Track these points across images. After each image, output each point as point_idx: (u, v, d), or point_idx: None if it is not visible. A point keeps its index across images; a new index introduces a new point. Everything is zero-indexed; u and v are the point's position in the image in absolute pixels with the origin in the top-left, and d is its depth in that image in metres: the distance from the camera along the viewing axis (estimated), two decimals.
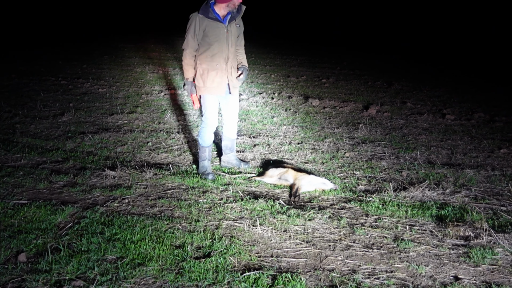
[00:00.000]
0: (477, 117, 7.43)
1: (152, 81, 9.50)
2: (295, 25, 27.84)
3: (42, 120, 6.30)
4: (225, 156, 4.85)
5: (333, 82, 10.45)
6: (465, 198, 4.18)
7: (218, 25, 4.26)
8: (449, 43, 21.22)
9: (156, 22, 27.01)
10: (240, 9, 4.34)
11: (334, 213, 3.78)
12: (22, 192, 3.97)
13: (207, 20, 4.22)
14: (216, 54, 4.30)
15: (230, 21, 4.32)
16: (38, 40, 16.48)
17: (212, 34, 4.25)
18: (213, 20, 4.24)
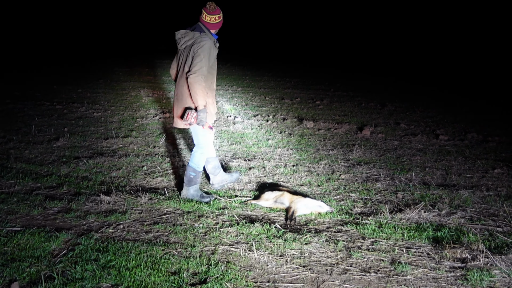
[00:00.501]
0: (470, 138, 7.49)
1: (147, 105, 9.54)
2: (287, 47, 28.17)
3: (36, 145, 6.28)
4: (217, 177, 4.83)
5: (327, 104, 10.54)
6: (461, 219, 4.18)
7: (216, 50, 4.37)
8: (439, 64, 21.50)
9: (150, 45, 27.24)
10: None
11: (331, 237, 3.77)
12: (16, 219, 3.93)
13: (215, 49, 4.30)
14: (214, 83, 4.40)
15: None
16: (33, 64, 16.54)
17: (214, 63, 4.35)
18: (216, 47, 4.34)
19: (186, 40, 4.25)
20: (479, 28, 26.14)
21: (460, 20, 27.29)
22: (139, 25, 32.10)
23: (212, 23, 4.27)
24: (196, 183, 4.54)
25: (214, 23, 4.28)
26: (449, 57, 23.34)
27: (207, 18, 4.26)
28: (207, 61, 4.18)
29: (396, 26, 29.90)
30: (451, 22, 27.79)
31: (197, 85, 4.10)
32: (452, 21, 27.77)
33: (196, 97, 4.13)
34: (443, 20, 28.36)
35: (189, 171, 4.49)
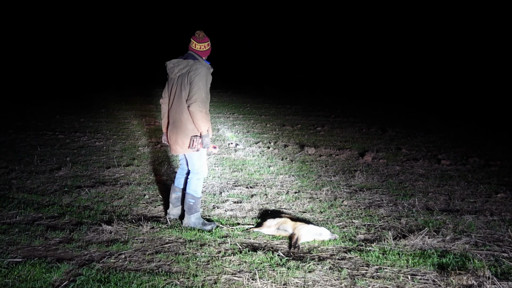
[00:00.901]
0: (472, 162, 7.49)
1: (148, 134, 9.58)
2: (287, 74, 28.47)
3: (38, 175, 6.28)
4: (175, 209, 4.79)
5: (328, 130, 10.58)
6: (466, 245, 4.14)
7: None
8: (438, 89, 21.67)
9: (151, 74, 27.55)
10: None
11: (334, 264, 3.73)
12: (17, 250, 3.90)
13: (210, 75, 4.38)
14: (208, 109, 4.43)
15: None
16: (34, 94, 16.70)
17: (209, 90, 4.40)
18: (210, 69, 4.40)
19: (181, 68, 4.33)
20: (477, 52, 26.45)
21: (458, 45, 27.65)
22: (135, 55, 32.61)
23: (202, 51, 4.38)
24: (196, 211, 4.53)
25: (203, 51, 4.38)
26: (448, 82, 23.55)
27: (197, 46, 4.36)
28: (205, 87, 4.28)
29: (394, 51, 30.29)
30: (449, 47, 28.16)
31: (199, 112, 4.21)
32: (450, 45, 28.14)
33: (200, 124, 4.25)
34: (441, 46, 28.74)
35: (188, 199, 4.51)
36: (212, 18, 34.02)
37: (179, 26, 31.92)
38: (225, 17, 34.93)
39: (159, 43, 32.88)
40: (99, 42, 33.03)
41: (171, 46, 30.14)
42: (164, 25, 35.23)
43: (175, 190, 4.78)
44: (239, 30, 33.69)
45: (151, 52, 31.94)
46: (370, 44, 31.80)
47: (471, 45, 27.20)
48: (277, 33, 35.16)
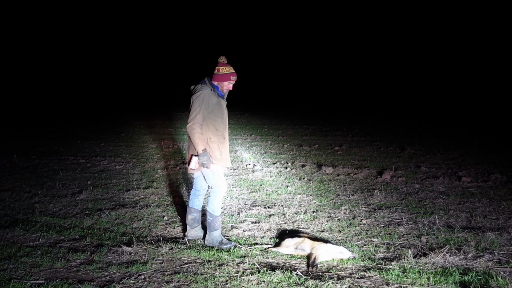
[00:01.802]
0: (493, 179, 7.36)
1: (167, 156, 9.71)
2: (304, 94, 28.58)
3: (60, 198, 6.41)
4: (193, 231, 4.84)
5: (345, 149, 10.55)
6: (489, 263, 4.06)
7: (221, 101, 4.58)
8: (456, 105, 21.45)
9: (167, 98, 27.99)
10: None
11: (354, 283, 3.69)
12: (39, 272, 3.98)
13: (216, 98, 4.49)
14: (222, 128, 4.57)
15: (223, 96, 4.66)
16: (56, 119, 17.13)
17: (218, 110, 4.52)
18: (220, 97, 4.55)
19: (192, 91, 4.57)
20: (496, 66, 26.19)
21: (477, 59, 27.44)
22: (153, 79, 33.22)
23: (215, 74, 4.54)
24: (215, 228, 4.59)
25: (215, 74, 4.54)
26: (466, 98, 23.31)
27: (216, 69, 4.55)
28: (202, 109, 4.40)
29: (410, 68, 30.20)
30: (467, 62, 27.95)
31: (193, 132, 4.38)
32: (469, 60, 27.93)
33: (195, 143, 4.42)
34: (459, 61, 28.56)
35: (207, 216, 4.64)
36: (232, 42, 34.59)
37: (198, 51, 32.55)
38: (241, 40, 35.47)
39: (177, 67, 33.51)
40: (118, 66, 33.79)
41: (190, 70, 30.71)
42: (182, 50, 35.95)
43: (191, 211, 4.85)
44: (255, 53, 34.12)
45: (169, 76, 32.55)
46: (388, 60, 31.79)
47: (487, 57, 26.97)
48: (293, 53, 35.50)
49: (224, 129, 4.61)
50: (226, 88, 4.59)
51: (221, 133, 4.56)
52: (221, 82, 4.54)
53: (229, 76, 4.54)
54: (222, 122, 4.56)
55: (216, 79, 4.54)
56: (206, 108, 4.42)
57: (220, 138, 4.55)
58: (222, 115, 4.57)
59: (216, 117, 4.51)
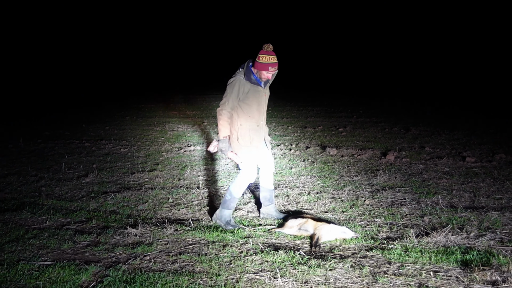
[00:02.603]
0: (498, 159, 7.35)
1: (172, 139, 9.75)
2: (308, 76, 28.41)
3: (66, 182, 6.48)
4: (264, 208, 4.94)
5: (350, 130, 10.54)
6: (491, 242, 4.09)
7: (258, 89, 4.52)
8: (461, 85, 21.27)
9: (172, 81, 27.94)
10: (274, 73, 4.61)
11: (356, 262, 3.73)
12: (47, 253, 4.05)
13: (250, 85, 4.46)
14: (256, 115, 4.54)
15: (265, 84, 4.60)
16: (61, 103, 17.18)
17: (253, 97, 4.48)
18: (254, 84, 4.49)
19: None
20: (503, 46, 25.88)
21: (484, 40, 27.11)
22: (158, 62, 33.08)
23: (256, 61, 4.42)
24: (228, 208, 4.67)
25: (257, 62, 4.41)
26: (471, 77, 23.09)
27: (257, 55, 4.42)
28: (232, 96, 4.42)
29: (415, 48, 29.89)
30: (474, 42, 27.62)
31: (219, 117, 4.46)
32: (475, 40, 27.60)
33: (218, 128, 4.51)
34: (466, 40, 28.22)
35: (226, 193, 4.71)
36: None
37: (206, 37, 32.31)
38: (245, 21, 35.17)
39: (184, 50, 33.36)
40: (123, 50, 33.69)
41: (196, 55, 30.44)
42: (190, 34, 35.73)
43: (261, 190, 4.95)
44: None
45: (175, 59, 32.42)
46: (392, 40, 31.47)
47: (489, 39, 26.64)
48: (298, 34, 35.19)
49: (259, 117, 4.57)
50: (264, 77, 4.47)
51: (255, 120, 4.53)
52: (259, 71, 4.43)
53: (268, 66, 4.38)
54: (256, 110, 4.53)
55: (255, 66, 4.44)
56: (236, 96, 4.43)
57: (253, 125, 4.53)
58: (258, 103, 4.53)
59: (249, 104, 4.49)
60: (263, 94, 4.58)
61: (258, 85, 4.51)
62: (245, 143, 4.54)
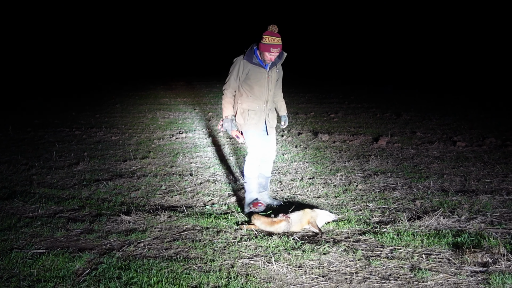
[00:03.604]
0: (488, 143, 7.42)
1: (163, 126, 9.70)
2: (299, 62, 28.34)
3: (57, 170, 6.44)
4: (259, 195, 4.92)
5: (341, 116, 10.56)
6: (481, 224, 4.14)
7: (260, 70, 4.48)
8: (452, 70, 21.36)
9: (163, 68, 27.73)
10: (281, 55, 4.56)
11: (349, 246, 3.77)
12: (40, 242, 4.03)
13: (251, 65, 4.44)
14: (257, 97, 4.53)
15: (271, 66, 4.54)
16: (50, 92, 16.98)
17: (254, 78, 4.47)
18: (256, 65, 4.46)
19: None
20: (493, 31, 25.96)
21: (474, 25, 27.16)
22: (148, 50, 32.77)
23: (260, 43, 4.37)
24: (249, 191, 4.71)
25: (261, 43, 4.36)
26: (462, 62, 23.18)
27: (262, 36, 4.37)
28: (233, 75, 4.47)
29: (405, 33, 29.89)
30: (464, 28, 27.67)
31: (223, 97, 4.56)
32: (465, 26, 27.65)
33: (223, 108, 4.57)
34: (455, 25, 28.26)
35: (243, 178, 4.80)
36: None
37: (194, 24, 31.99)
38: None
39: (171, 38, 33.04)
40: (112, 38, 33.29)
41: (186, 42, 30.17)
42: (178, 22, 35.36)
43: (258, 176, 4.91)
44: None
45: (166, 46, 32.14)
46: (383, 26, 31.44)
47: (490, 22, 26.70)
48: (292, 19, 34.98)
49: (260, 98, 4.54)
50: (267, 59, 4.41)
51: (256, 102, 4.53)
52: (262, 52, 4.38)
53: (269, 48, 4.31)
54: (258, 91, 4.50)
55: (259, 47, 4.40)
56: (236, 75, 4.47)
57: (253, 105, 4.52)
58: (259, 85, 4.49)
59: (250, 85, 4.48)
60: (266, 76, 4.51)
61: (260, 66, 4.48)
62: (241, 121, 4.56)
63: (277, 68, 4.64)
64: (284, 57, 4.58)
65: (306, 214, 4.22)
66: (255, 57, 4.46)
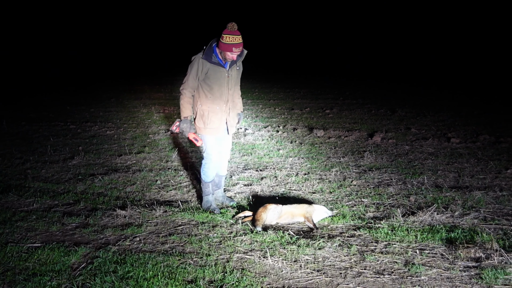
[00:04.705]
0: (482, 139, 7.47)
1: (158, 121, 9.68)
2: (295, 58, 28.32)
3: (52, 164, 6.42)
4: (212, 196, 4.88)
5: (336, 112, 10.58)
6: (475, 220, 4.19)
7: (220, 69, 4.35)
8: (448, 66, 21.43)
9: (158, 64, 27.62)
10: (242, 53, 4.40)
11: (344, 241, 3.80)
12: (35, 236, 4.03)
13: (210, 64, 4.31)
14: (216, 97, 4.41)
15: (231, 65, 4.40)
16: (44, 86, 16.88)
17: (213, 78, 4.35)
18: (215, 64, 4.32)
19: None
20: (487, 27, 26.04)
21: (467, 22, 27.24)
22: (142, 46, 32.61)
23: (220, 42, 4.22)
24: (205, 194, 4.70)
25: (221, 42, 4.21)
26: (457, 59, 23.26)
27: (221, 35, 4.21)
28: (191, 75, 4.34)
29: (400, 30, 29.93)
30: (458, 24, 27.74)
31: (180, 97, 4.45)
32: (459, 23, 27.72)
33: (181, 108, 4.47)
34: (450, 22, 28.32)
35: (201, 182, 4.73)
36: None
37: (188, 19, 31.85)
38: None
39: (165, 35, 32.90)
40: (106, 34, 33.08)
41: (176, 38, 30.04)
42: (171, 17, 35.19)
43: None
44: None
45: (158, 43, 31.99)
46: (377, 22, 31.46)
47: (483, 19, 26.78)
48: (284, 16, 34.92)
49: (221, 99, 4.42)
50: (229, 58, 4.28)
51: (216, 102, 4.41)
52: (223, 51, 4.24)
53: (231, 47, 4.17)
54: (217, 91, 4.39)
55: (219, 46, 4.25)
56: (195, 75, 4.33)
57: (213, 107, 4.42)
58: (219, 84, 4.38)
59: (209, 85, 4.37)
60: (226, 76, 4.39)
61: (220, 65, 4.34)
62: (201, 124, 4.46)
63: (238, 66, 4.49)
64: (244, 54, 4.41)
65: (300, 208, 4.25)
66: (214, 56, 4.30)
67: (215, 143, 4.58)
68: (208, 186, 4.69)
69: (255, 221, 4.15)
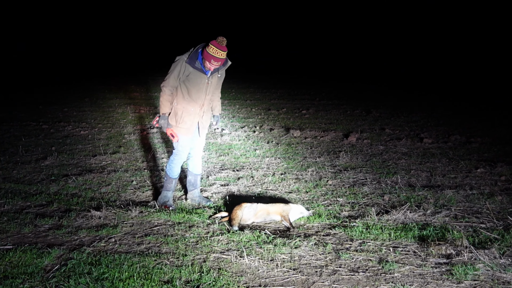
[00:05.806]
0: (453, 140, 7.67)
1: (134, 121, 9.58)
2: (272, 59, 28.43)
3: (24, 165, 6.28)
4: (189, 193, 4.94)
5: (313, 113, 10.68)
6: (446, 218, 4.30)
7: (201, 75, 4.42)
8: (421, 68, 21.88)
9: (133, 63, 27.30)
10: (225, 63, 4.50)
11: (320, 240, 3.85)
12: (7, 238, 3.94)
13: (192, 69, 4.38)
14: (193, 99, 4.49)
15: (213, 72, 4.47)
16: (14, 85, 16.47)
17: (193, 82, 4.42)
18: (197, 70, 4.40)
19: None
20: (458, 30, 26.68)
21: (442, 24, 27.84)
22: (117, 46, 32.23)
23: (205, 50, 4.28)
24: (166, 189, 4.76)
25: (205, 50, 4.28)
26: (430, 61, 23.77)
27: (208, 44, 4.28)
28: (173, 74, 4.42)
29: (375, 32, 30.40)
30: (432, 26, 28.34)
31: (161, 93, 4.53)
32: (434, 25, 28.32)
33: (160, 105, 4.56)
34: (424, 24, 28.91)
35: (164, 175, 4.81)
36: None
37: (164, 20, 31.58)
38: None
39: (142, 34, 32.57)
40: (80, 33, 32.53)
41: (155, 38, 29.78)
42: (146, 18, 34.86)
43: (188, 174, 4.94)
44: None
45: (133, 43, 31.65)
46: (352, 25, 31.87)
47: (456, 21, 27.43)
48: (259, 15, 35.02)
49: (197, 102, 4.49)
50: (207, 67, 4.37)
51: (191, 104, 4.48)
52: (204, 59, 4.33)
53: (211, 58, 4.25)
54: (195, 94, 4.46)
55: (203, 53, 4.33)
56: (176, 75, 4.41)
57: (188, 108, 4.49)
58: (197, 89, 4.45)
59: (188, 88, 4.44)
60: (206, 82, 4.47)
61: (201, 71, 4.42)
62: (174, 122, 4.54)
63: (219, 73, 4.58)
64: (228, 65, 4.53)
65: (276, 206, 4.29)
66: (198, 62, 4.39)
67: (187, 142, 4.64)
68: (171, 182, 4.75)
69: (231, 220, 4.17)
